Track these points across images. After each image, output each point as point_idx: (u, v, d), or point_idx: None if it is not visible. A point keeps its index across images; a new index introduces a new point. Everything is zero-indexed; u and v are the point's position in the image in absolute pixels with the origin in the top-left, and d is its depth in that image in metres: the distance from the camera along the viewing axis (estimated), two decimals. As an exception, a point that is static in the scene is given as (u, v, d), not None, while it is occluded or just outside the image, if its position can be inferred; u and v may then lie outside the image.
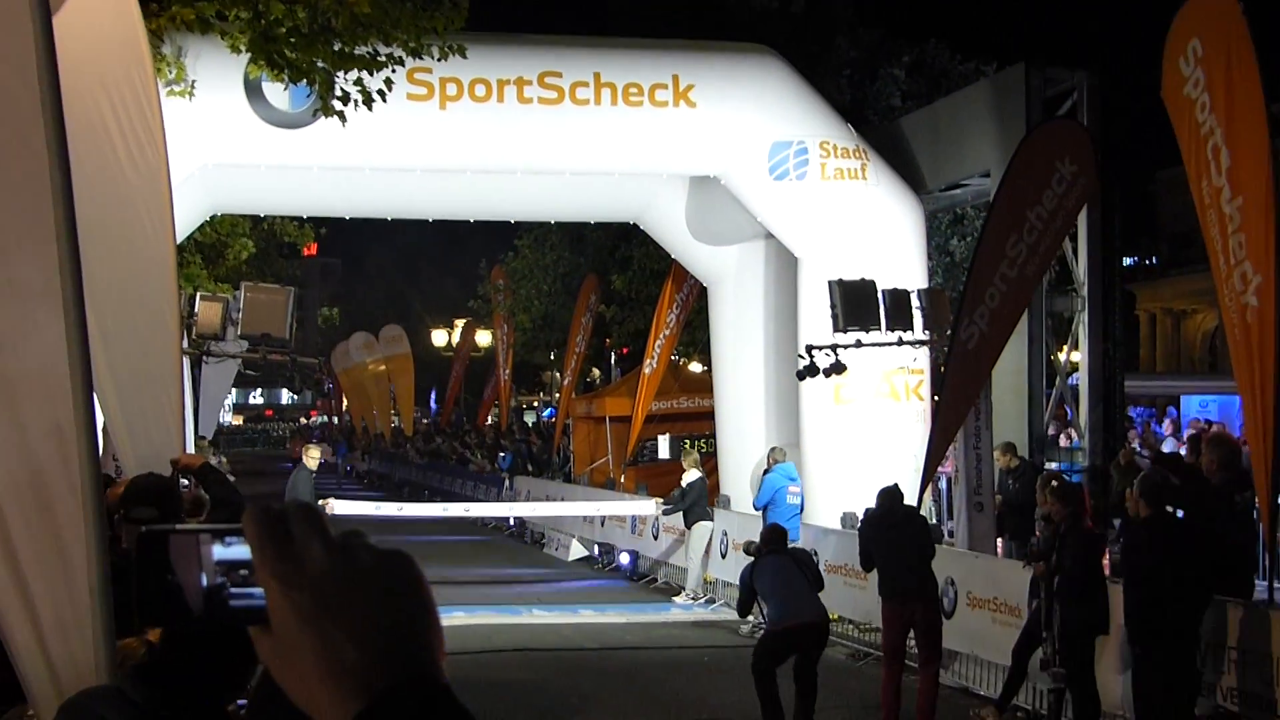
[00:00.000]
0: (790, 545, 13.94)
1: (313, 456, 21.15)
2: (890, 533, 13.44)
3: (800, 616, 12.84)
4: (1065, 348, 19.51)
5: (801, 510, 19.32)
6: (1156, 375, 48.17)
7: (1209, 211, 13.03)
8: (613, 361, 44.25)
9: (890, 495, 13.82)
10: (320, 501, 23.20)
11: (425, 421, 56.07)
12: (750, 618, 15.24)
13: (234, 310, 16.62)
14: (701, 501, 21.98)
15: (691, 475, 22.13)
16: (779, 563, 13.10)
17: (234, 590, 1.45)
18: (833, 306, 17.47)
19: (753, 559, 13.59)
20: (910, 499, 14.65)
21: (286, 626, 1.37)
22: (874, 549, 13.63)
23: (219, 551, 1.46)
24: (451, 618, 19.61)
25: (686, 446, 27.51)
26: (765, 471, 19.97)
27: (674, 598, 22.30)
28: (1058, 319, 19.31)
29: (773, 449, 20.37)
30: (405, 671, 1.34)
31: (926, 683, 13.05)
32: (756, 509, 20.02)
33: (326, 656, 1.34)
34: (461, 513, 30.23)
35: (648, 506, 23.46)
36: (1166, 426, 29.13)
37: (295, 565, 1.38)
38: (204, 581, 1.47)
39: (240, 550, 1.43)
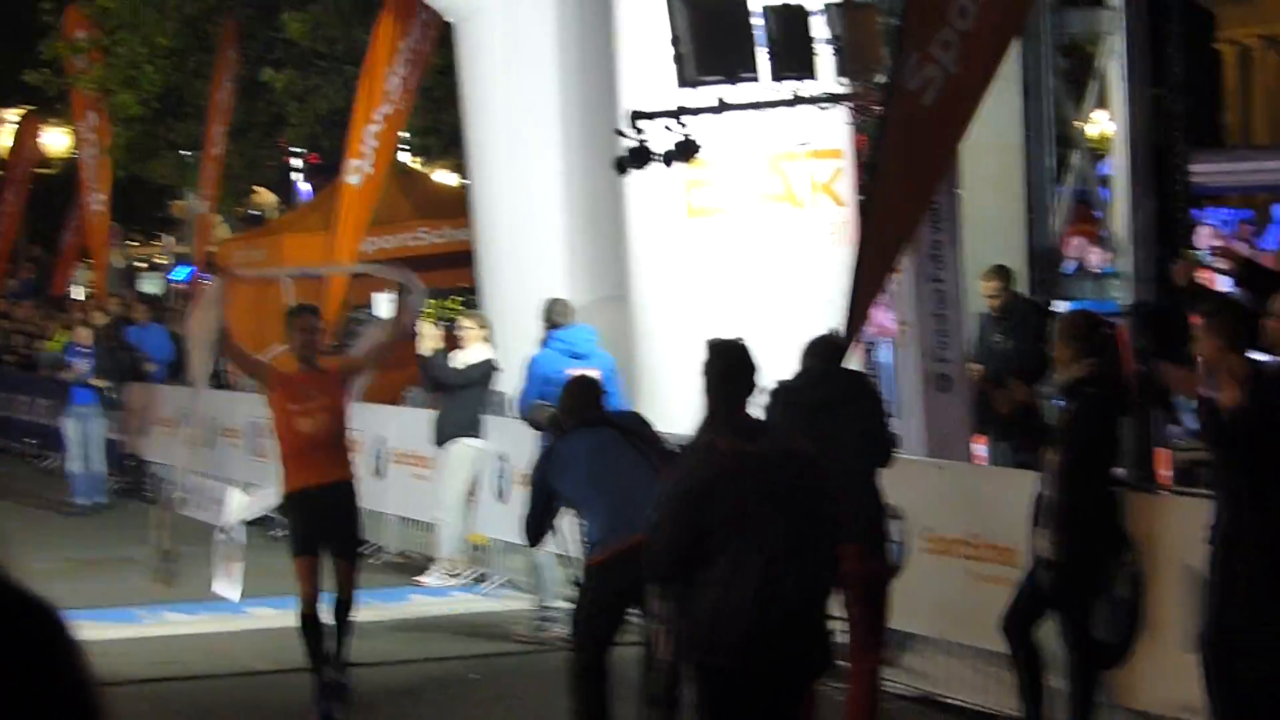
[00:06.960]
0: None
1: None
2: (820, 418, 9.72)
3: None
4: (1086, 105, 14.43)
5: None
6: (1255, 150, 37.27)
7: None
8: (294, 175, 32.71)
9: (822, 352, 10.28)
10: None
11: None
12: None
13: None
14: (478, 401, 15.60)
15: (475, 352, 15.54)
16: (595, 441, 9.71)
17: None
18: (675, 39, 12.95)
19: (548, 441, 10.81)
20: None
21: None
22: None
23: None
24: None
25: (447, 304, 19.74)
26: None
27: (417, 576, 16.53)
28: (1076, 54, 14.49)
29: (551, 303, 14.45)
30: None
31: (861, 687, 9.54)
32: (521, 415, 14.21)
33: None
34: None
35: None
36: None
37: None
38: None
39: None
